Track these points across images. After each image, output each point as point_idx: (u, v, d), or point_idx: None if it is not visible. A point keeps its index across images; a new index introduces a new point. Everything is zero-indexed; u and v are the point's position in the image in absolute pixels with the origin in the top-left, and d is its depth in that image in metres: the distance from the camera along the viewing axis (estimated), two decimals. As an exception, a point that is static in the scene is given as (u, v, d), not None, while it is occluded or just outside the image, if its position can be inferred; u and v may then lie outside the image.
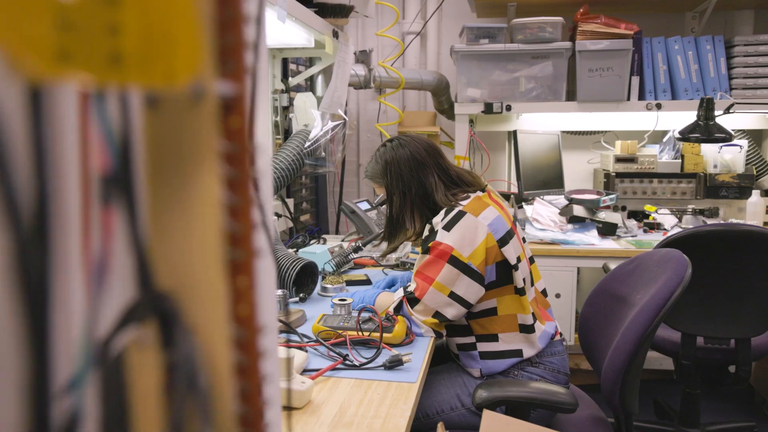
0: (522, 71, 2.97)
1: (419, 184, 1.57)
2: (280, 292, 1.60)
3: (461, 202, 1.53)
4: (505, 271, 1.48)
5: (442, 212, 1.51)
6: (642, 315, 1.38)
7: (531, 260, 1.64)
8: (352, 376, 1.23)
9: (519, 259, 1.51)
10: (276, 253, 1.84)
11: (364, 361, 1.27)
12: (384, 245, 1.76)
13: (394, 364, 1.24)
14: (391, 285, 1.82)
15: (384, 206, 1.67)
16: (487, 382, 1.42)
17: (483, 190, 1.62)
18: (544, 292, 1.69)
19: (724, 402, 2.77)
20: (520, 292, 1.50)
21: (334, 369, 1.25)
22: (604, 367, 1.44)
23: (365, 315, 1.43)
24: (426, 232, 1.55)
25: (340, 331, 1.38)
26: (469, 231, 1.46)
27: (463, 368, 1.58)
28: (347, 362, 1.27)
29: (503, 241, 1.48)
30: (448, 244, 1.45)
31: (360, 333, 1.37)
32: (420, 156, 1.58)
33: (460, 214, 1.48)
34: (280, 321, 1.42)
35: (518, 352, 1.51)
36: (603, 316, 1.68)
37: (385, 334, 1.37)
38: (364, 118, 3.81)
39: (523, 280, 1.51)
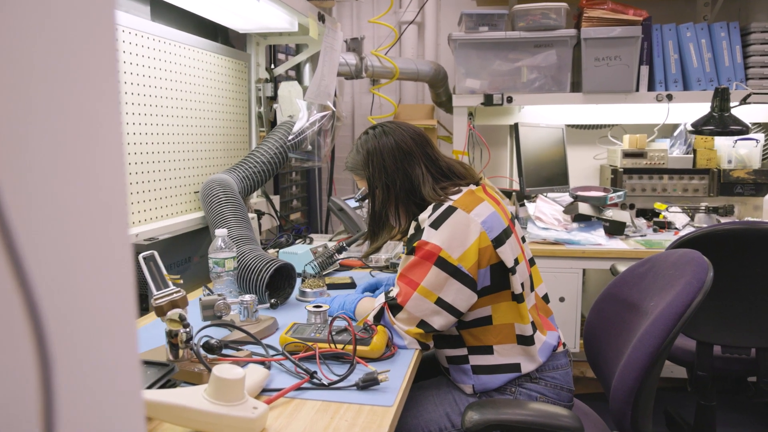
0: (524, 61, 2.79)
1: (404, 176, 1.39)
2: (248, 297, 1.43)
3: (451, 197, 1.35)
4: (500, 274, 1.31)
5: (430, 208, 1.34)
6: (657, 325, 1.20)
7: (531, 262, 1.47)
8: (319, 398, 1.05)
9: (517, 262, 1.33)
10: (249, 253, 1.67)
11: (335, 379, 1.09)
12: (367, 245, 1.58)
13: (368, 383, 1.07)
14: (374, 289, 1.65)
15: (367, 201, 1.50)
16: (480, 402, 1.24)
17: (477, 184, 1.44)
18: (545, 298, 1.51)
19: (740, 412, 2.58)
20: (518, 298, 1.32)
21: (298, 389, 1.07)
22: (614, 384, 1.26)
23: (339, 324, 1.25)
24: (412, 230, 1.37)
25: (310, 343, 1.21)
26: (459, 229, 1.28)
27: (453, 383, 1.40)
28: (315, 380, 1.09)
29: (499, 241, 1.30)
30: (435, 243, 1.28)
31: (332, 345, 1.20)
32: (406, 145, 1.41)
33: (450, 210, 1.31)
34: (242, 330, 1.25)
35: (516, 367, 1.33)
36: (611, 325, 1.50)
37: (361, 347, 1.20)
38: (359, 112, 3.64)
39: (522, 284, 1.33)
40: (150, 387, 0.97)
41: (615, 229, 2.53)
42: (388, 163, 1.39)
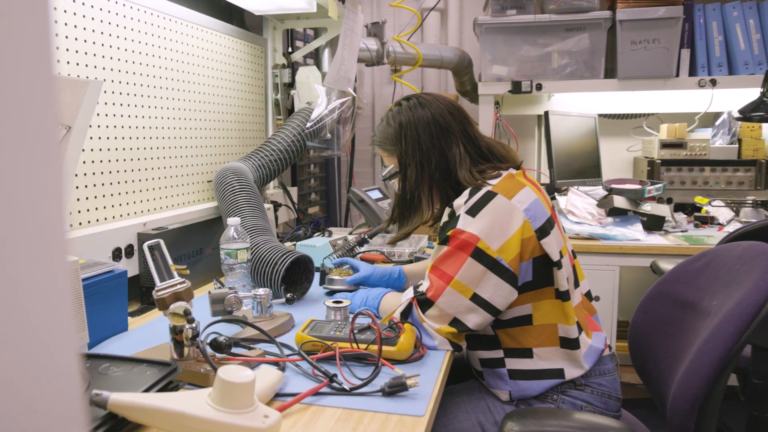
0: (554, 45, 2.63)
1: (440, 155, 1.25)
2: (262, 291, 1.31)
3: (490, 181, 1.21)
4: (544, 269, 1.16)
5: (466, 193, 1.19)
6: (725, 327, 1.05)
7: (573, 255, 1.32)
8: (339, 405, 0.92)
9: (561, 255, 1.18)
10: (264, 245, 1.55)
11: (357, 383, 0.96)
12: (390, 233, 1.44)
13: (396, 388, 0.94)
14: (385, 282, 1.52)
15: (393, 181, 1.35)
16: (519, 411, 1.10)
17: (517, 168, 1.29)
18: (588, 295, 1.36)
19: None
20: (563, 296, 1.17)
21: (316, 394, 0.94)
22: (673, 394, 1.11)
23: (362, 321, 1.12)
24: (445, 218, 1.23)
25: (329, 342, 1.08)
26: (500, 217, 1.14)
27: (487, 389, 1.26)
28: (335, 385, 0.96)
29: (543, 232, 1.16)
30: (472, 233, 1.13)
31: (354, 345, 1.07)
32: (443, 120, 1.26)
33: (489, 196, 1.16)
34: (255, 327, 1.12)
35: (558, 372, 1.19)
36: (663, 326, 1.35)
37: (387, 348, 1.06)
38: (380, 103, 3.51)
39: (567, 280, 1.19)
40: (148, 389, 0.85)
41: (653, 223, 2.37)
42: (423, 138, 1.25)
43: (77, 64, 1.38)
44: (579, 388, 1.20)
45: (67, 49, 1.35)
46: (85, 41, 1.41)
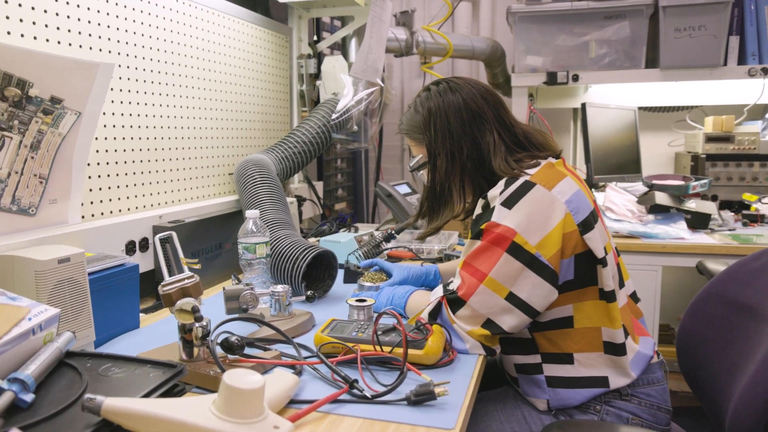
0: (592, 34, 2.51)
1: (473, 143, 1.15)
2: (281, 288, 1.23)
3: (527, 170, 1.10)
4: (587, 266, 1.05)
5: (502, 183, 1.09)
6: (797, 334, 0.93)
7: (617, 252, 1.21)
8: (360, 414, 0.83)
9: (606, 251, 1.07)
10: (285, 239, 1.47)
11: (380, 390, 0.87)
12: (419, 229, 1.34)
13: (422, 397, 0.84)
14: (420, 281, 1.42)
15: (422, 173, 1.25)
16: (560, 423, 1.00)
17: (557, 157, 1.19)
18: (634, 296, 1.25)
19: None
20: (608, 297, 1.06)
21: (335, 401, 0.86)
22: (734, 408, 0.99)
23: (387, 322, 1.03)
24: (478, 209, 1.13)
25: (351, 344, 0.99)
26: (539, 209, 1.04)
27: (523, 397, 1.16)
28: (355, 391, 0.87)
29: (586, 226, 1.05)
30: (508, 226, 1.03)
31: (377, 348, 0.98)
32: (476, 105, 1.16)
33: (527, 186, 1.06)
34: (271, 326, 1.04)
35: (602, 381, 1.08)
36: (717, 331, 1.22)
37: (413, 351, 0.97)
38: (409, 96, 3.42)
39: (612, 279, 1.08)
40: (149, 394, 0.77)
41: (698, 221, 2.23)
42: (454, 125, 1.15)
43: (90, 48, 1.32)
44: (625, 398, 1.09)
45: (80, 32, 1.29)
46: (99, 24, 1.35)
